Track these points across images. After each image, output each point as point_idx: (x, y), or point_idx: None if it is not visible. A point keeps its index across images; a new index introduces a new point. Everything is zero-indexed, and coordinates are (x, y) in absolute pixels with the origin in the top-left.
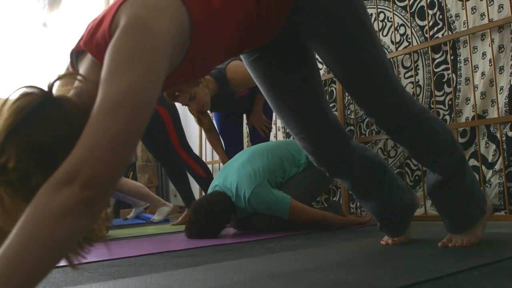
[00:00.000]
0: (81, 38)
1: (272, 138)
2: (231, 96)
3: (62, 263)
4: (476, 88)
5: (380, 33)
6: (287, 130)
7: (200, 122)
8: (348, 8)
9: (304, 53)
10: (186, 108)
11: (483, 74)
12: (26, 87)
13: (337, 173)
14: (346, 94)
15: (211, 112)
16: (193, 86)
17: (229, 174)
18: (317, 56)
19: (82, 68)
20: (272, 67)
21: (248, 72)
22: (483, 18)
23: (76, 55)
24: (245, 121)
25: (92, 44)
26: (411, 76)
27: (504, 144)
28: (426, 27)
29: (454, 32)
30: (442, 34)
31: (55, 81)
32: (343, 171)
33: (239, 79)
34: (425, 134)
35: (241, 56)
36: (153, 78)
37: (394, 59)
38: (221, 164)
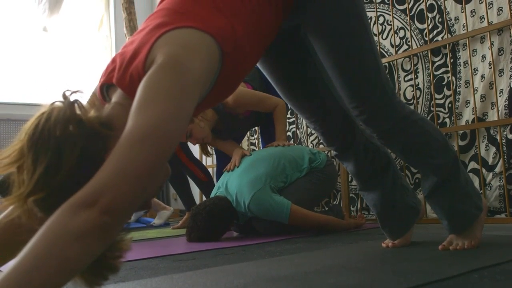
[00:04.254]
0: (109, 71)
1: None
2: (235, 118)
3: None
4: (476, 91)
5: (380, 36)
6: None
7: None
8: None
9: (306, 43)
10: None
11: (482, 77)
12: (55, 102)
13: (344, 154)
14: None
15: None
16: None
17: (231, 179)
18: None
19: (114, 100)
20: (277, 59)
21: (240, 91)
22: (483, 21)
23: (107, 87)
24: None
25: (125, 80)
26: (411, 79)
27: (504, 146)
28: (426, 30)
29: (453, 35)
30: (442, 37)
31: (72, 93)
32: (350, 152)
33: (231, 98)
34: (418, 135)
35: None
36: (182, 113)
37: (393, 62)
38: None
